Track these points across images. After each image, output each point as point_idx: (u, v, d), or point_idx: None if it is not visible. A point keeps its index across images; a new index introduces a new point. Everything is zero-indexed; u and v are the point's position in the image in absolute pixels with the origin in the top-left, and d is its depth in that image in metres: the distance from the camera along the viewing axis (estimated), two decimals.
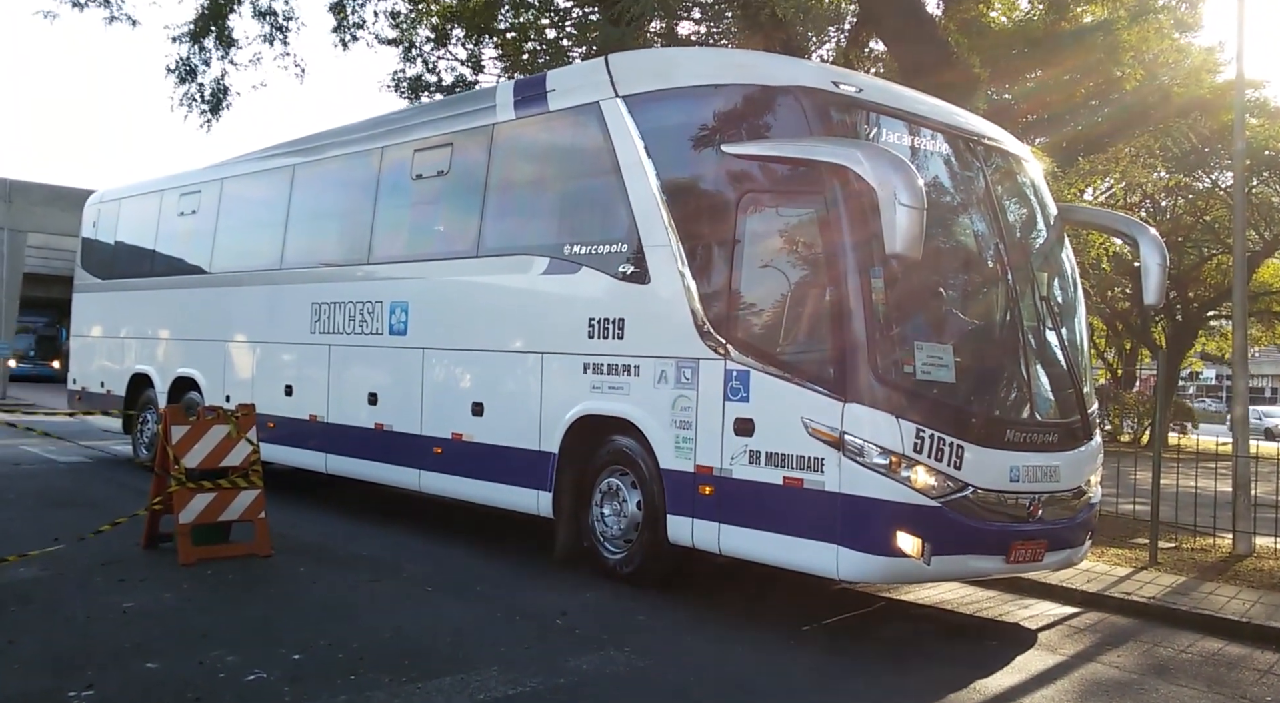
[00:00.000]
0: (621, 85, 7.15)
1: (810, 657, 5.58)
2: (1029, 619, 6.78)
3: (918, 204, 5.17)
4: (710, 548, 6.27)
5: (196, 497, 7.06)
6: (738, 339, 6.14)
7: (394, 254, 9.08)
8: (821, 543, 5.63)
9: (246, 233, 11.08)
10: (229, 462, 7.30)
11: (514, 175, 8.12)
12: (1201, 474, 10.36)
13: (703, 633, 5.90)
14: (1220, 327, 29.80)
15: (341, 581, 6.75)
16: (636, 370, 6.72)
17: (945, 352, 5.74)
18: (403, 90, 16.87)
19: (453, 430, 8.07)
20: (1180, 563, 8.44)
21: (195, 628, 5.41)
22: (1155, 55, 15.09)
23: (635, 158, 6.90)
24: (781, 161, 6.06)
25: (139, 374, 12.08)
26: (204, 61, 15.06)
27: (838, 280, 5.65)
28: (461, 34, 16.88)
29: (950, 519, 5.55)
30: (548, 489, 7.27)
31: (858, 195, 5.60)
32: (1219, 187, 22.38)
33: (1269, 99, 20.55)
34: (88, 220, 14.07)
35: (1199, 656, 6.10)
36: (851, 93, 6.09)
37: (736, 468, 6.08)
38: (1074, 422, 6.34)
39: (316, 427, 9.46)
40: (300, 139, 10.79)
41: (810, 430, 5.68)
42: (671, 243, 6.57)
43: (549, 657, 5.15)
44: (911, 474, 5.46)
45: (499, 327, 7.85)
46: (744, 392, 6.07)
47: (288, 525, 8.21)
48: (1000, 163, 6.70)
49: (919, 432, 5.47)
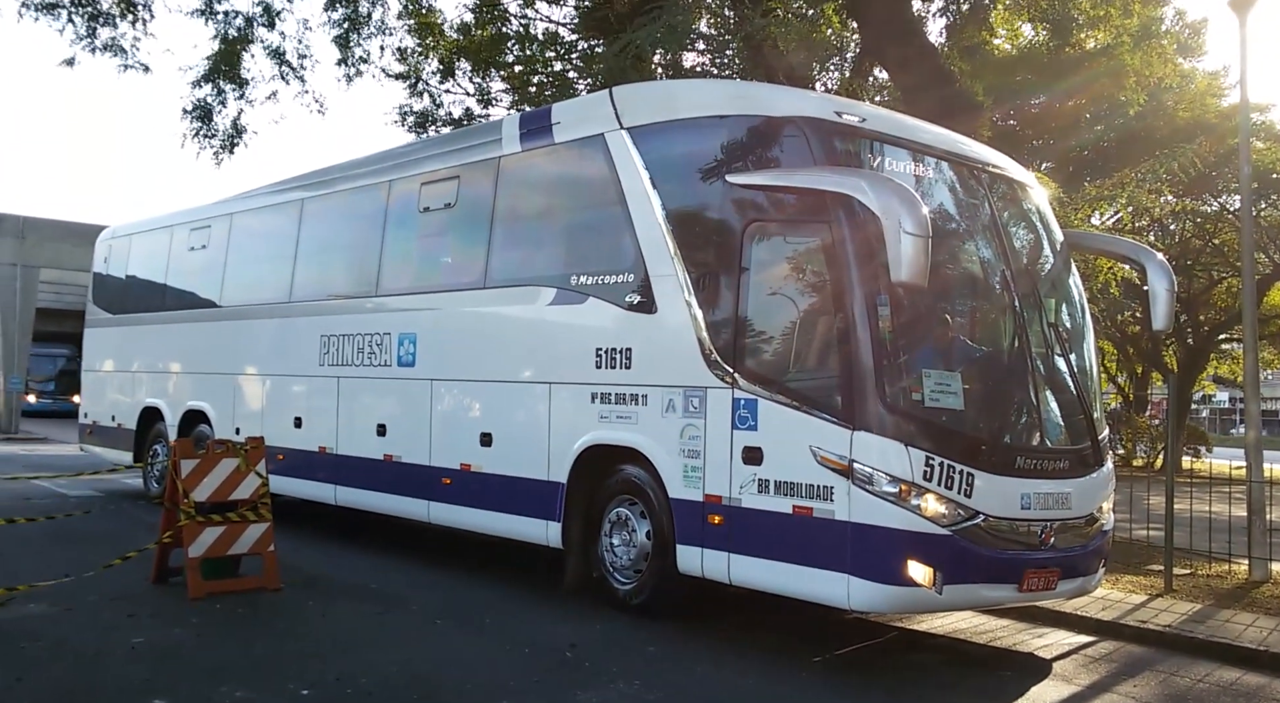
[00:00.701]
0: (626, 117, 7.20)
1: (822, 688, 5.54)
2: (1043, 649, 6.71)
3: (922, 232, 5.17)
4: (720, 578, 6.24)
5: (206, 530, 7.05)
6: (745, 368, 6.14)
7: (402, 286, 9.12)
8: (832, 573, 5.59)
9: (256, 266, 11.15)
10: (238, 495, 7.29)
11: (520, 207, 8.17)
12: (1216, 499, 10.22)
13: (713, 665, 5.87)
14: (1231, 350, 29.62)
15: (350, 614, 6.75)
16: (644, 400, 6.71)
17: (954, 379, 5.73)
18: (409, 124, 17.09)
19: (461, 461, 8.07)
20: (1196, 590, 8.34)
21: (204, 664, 5.40)
22: (1159, 80, 15.16)
23: (640, 188, 6.94)
24: (786, 191, 6.09)
25: (149, 408, 12.12)
26: (220, 102, 15.23)
27: (844, 309, 5.65)
28: (468, 68, 17.07)
29: (961, 548, 5.51)
30: (557, 520, 7.24)
31: (863, 224, 5.61)
32: (1227, 210, 22.37)
33: (1274, 122, 20.67)
34: (99, 256, 14.19)
35: (1216, 685, 6.03)
36: (855, 122, 6.12)
37: (745, 497, 6.05)
38: (1085, 448, 6.31)
39: (326, 458, 9.47)
40: (308, 173, 10.88)
41: (819, 459, 5.66)
42: (678, 272, 6.59)
43: (558, 690, 5.12)
44: (922, 503, 5.42)
45: (507, 357, 7.86)
46: (752, 420, 6.06)
47: (295, 556, 8.22)
48: (1005, 190, 6.72)
49: (928, 459, 5.45)
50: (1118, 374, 29.69)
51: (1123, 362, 29.43)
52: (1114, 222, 18.63)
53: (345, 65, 15.93)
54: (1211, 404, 60.41)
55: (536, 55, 16.67)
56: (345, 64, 15.91)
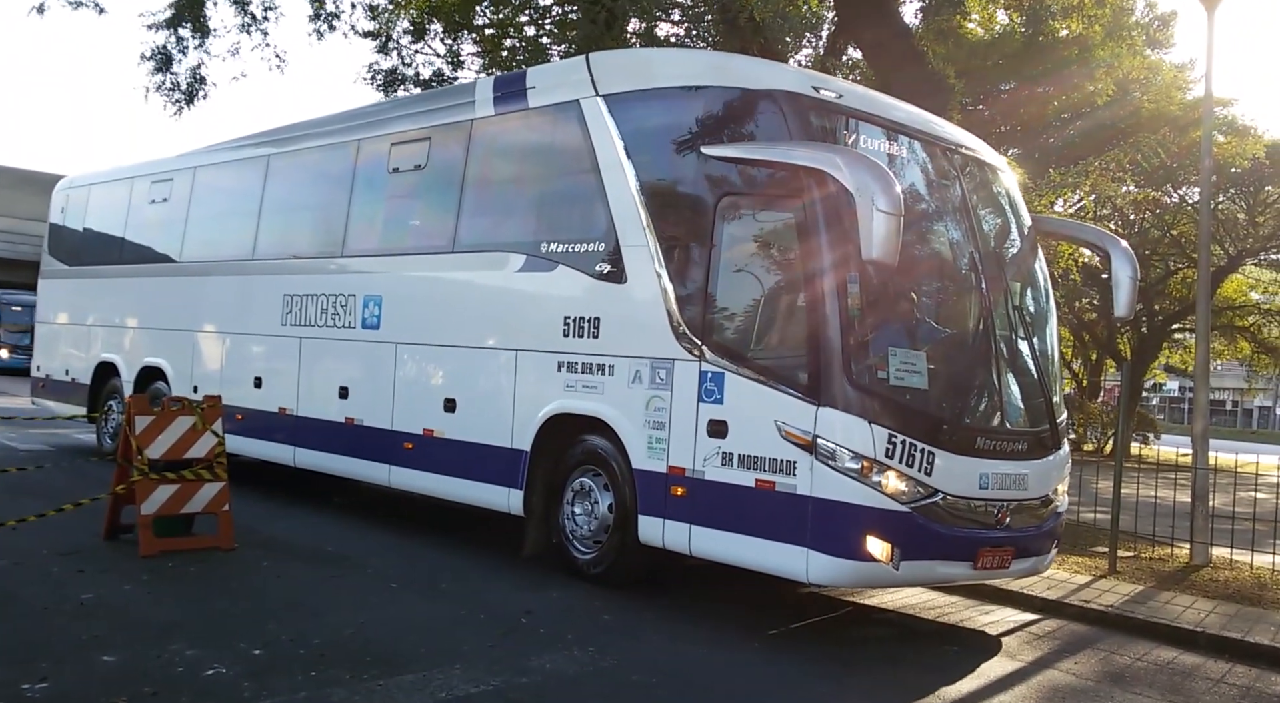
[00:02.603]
0: (602, 84, 7.15)
1: (775, 660, 5.61)
2: (990, 625, 6.85)
3: (895, 210, 5.21)
4: (681, 549, 6.29)
5: (159, 488, 6.97)
6: (713, 341, 6.16)
7: (368, 248, 9.02)
8: (791, 546, 5.66)
9: (218, 222, 10.96)
10: (193, 453, 7.22)
11: (492, 171, 8.10)
12: (1162, 485, 10.46)
13: (668, 634, 5.91)
14: (1184, 340, 30.25)
15: (305, 576, 6.70)
16: (611, 370, 6.72)
17: (919, 358, 5.79)
18: (378, 83, 16.84)
19: (424, 426, 8.03)
20: (1139, 572, 8.56)
21: (155, 621, 5.34)
22: (1128, 72, 15.37)
23: (614, 157, 6.91)
24: (760, 165, 6.09)
25: (105, 363, 11.91)
26: (181, 50, 14.99)
27: (813, 284, 5.68)
28: (440, 29, 16.84)
29: (919, 525, 5.60)
30: (519, 487, 7.25)
31: (835, 200, 5.64)
32: (1186, 202, 22.72)
33: (1236, 117, 20.97)
34: (56, 206, 13.86)
35: (1154, 664, 6.19)
36: (831, 98, 6.13)
37: (709, 469, 6.10)
38: (1043, 431, 6.42)
39: (286, 419, 9.38)
40: (275, 129, 10.70)
41: (783, 433, 5.71)
42: (649, 243, 6.58)
43: (512, 655, 5.14)
44: (883, 479, 5.50)
45: (473, 323, 7.82)
46: (718, 393, 6.09)
47: (253, 519, 8.15)
48: (977, 172, 6.77)
49: (891, 437, 5.52)
50: (1073, 360, 30.21)
51: (1078, 348, 29.95)
52: (1077, 209, 18.87)
53: (317, 20, 15.76)
54: (1162, 392, 61.71)
55: (509, 19, 16.50)
56: (317, 19, 15.74)
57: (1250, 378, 36.20)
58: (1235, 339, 28.98)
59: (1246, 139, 19.33)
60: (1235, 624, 6.89)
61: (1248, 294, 28.17)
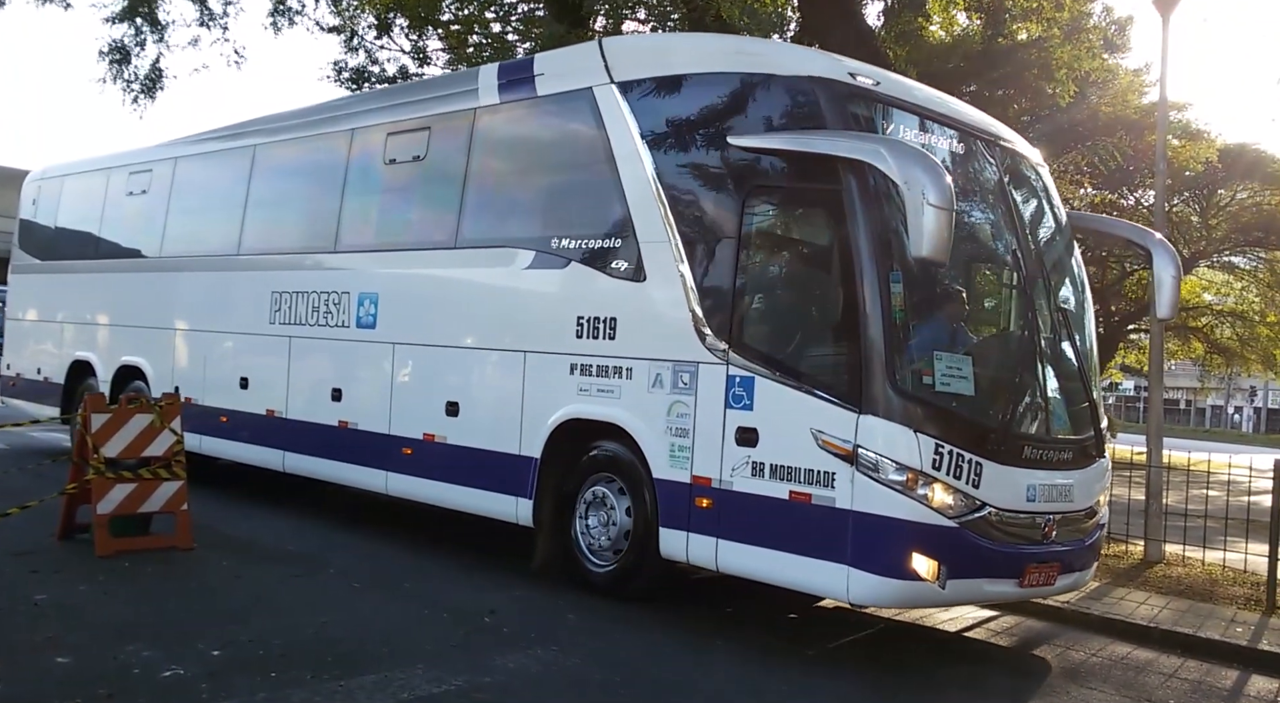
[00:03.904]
0: (617, 71, 6.76)
1: (739, 655, 5.52)
2: (948, 622, 6.78)
3: (946, 204, 4.86)
4: (706, 565, 5.91)
5: (116, 487, 6.82)
6: (741, 343, 5.79)
7: (363, 242, 8.58)
8: (830, 563, 5.29)
9: (201, 215, 10.44)
10: (151, 452, 7.07)
11: (497, 163, 7.68)
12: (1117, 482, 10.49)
13: (633, 633, 5.79)
14: (1139, 340, 30.39)
15: (266, 576, 6.57)
16: (629, 373, 6.33)
17: (965, 362, 5.45)
18: (344, 80, 16.73)
19: (424, 431, 7.61)
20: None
21: (111, 622, 5.25)
22: (1086, 74, 15.45)
23: (631, 148, 6.52)
24: (793, 155, 5.72)
25: (80, 362, 11.36)
26: (139, 44, 15.05)
27: (854, 283, 5.31)
28: (405, 24, 16.72)
29: (967, 541, 5.25)
30: (528, 497, 6.85)
31: (877, 193, 5.30)
32: (1142, 205, 22.77)
33: (1191, 121, 21.35)
34: (27, 198, 13.26)
35: (1109, 659, 6.18)
36: (868, 85, 5.77)
37: (738, 480, 5.73)
38: (1087, 438, 6.09)
39: (274, 423, 8.92)
40: (262, 118, 10.23)
41: (820, 443, 5.35)
42: (670, 239, 6.20)
43: (475, 655, 5.08)
44: (929, 492, 5.15)
45: (477, 322, 7.41)
46: (747, 399, 5.72)
47: (212, 518, 7.97)
48: (1016, 165, 6.42)
49: (938, 447, 5.16)
50: None
51: None
52: None
53: (277, 15, 15.76)
54: (1118, 392, 62.22)
55: (475, 15, 16.45)
56: (277, 14, 15.73)
57: (1203, 378, 36.66)
58: (1189, 340, 29.24)
59: (1200, 143, 19.66)
60: (1187, 620, 6.95)
61: (1201, 296, 28.37)
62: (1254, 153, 22.24)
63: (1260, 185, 22.96)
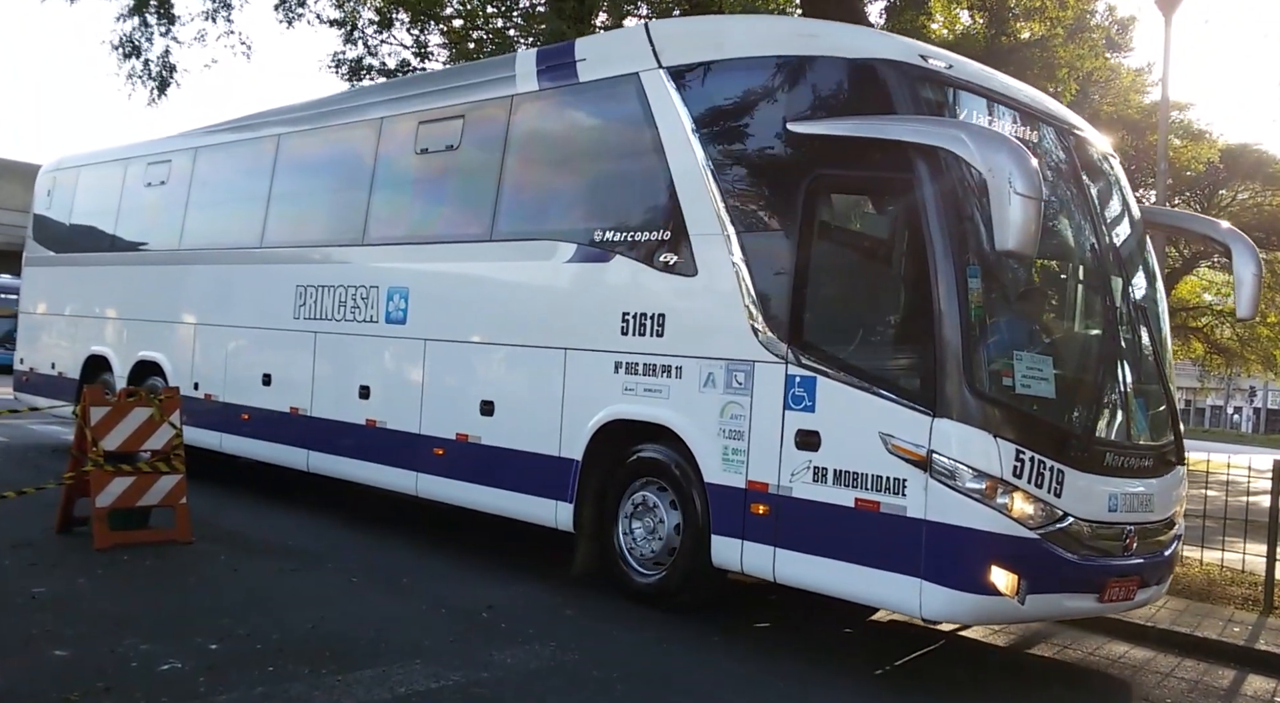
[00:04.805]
0: (665, 55, 6.45)
1: (740, 654, 5.46)
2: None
3: (1035, 193, 4.53)
4: (763, 575, 5.59)
5: (114, 480, 6.80)
6: (802, 341, 5.46)
7: (393, 235, 8.27)
8: (901, 576, 4.97)
9: (223, 207, 10.17)
10: (150, 445, 7.06)
11: (535, 152, 7.37)
12: None
13: (632, 629, 5.73)
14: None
15: (264, 570, 6.53)
16: (678, 372, 6.02)
17: (1045, 363, 5.11)
18: (343, 73, 16.69)
19: (457, 431, 7.30)
20: None
21: (109, 615, 5.23)
22: (1088, 73, 15.22)
23: (681, 136, 6.21)
24: (860, 142, 5.39)
25: (96, 357, 11.08)
26: (147, 38, 15.21)
27: (927, 278, 4.97)
28: (406, 19, 16.68)
29: (1048, 553, 4.92)
30: (568, 500, 6.54)
31: (953, 182, 5.00)
32: (1143, 204, 22.49)
33: (1192, 121, 21.19)
34: (42, 189, 12.99)
35: (1106, 658, 6.12)
36: (940, 68, 5.45)
37: (797, 486, 5.41)
38: (1166, 445, 5.76)
39: (298, 421, 8.62)
40: (286, 107, 9.93)
41: (890, 447, 5.02)
42: (723, 231, 5.88)
43: (473, 650, 5.05)
44: (1009, 501, 4.82)
45: (515, 318, 7.10)
46: (809, 400, 5.40)
47: (212, 512, 7.93)
48: (1089, 155, 6.07)
49: (1019, 453, 4.83)
50: None
51: None
52: None
53: (282, 9, 15.87)
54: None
55: (477, 10, 16.38)
56: (282, 8, 15.85)
57: (1203, 378, 36.44)
58: (1189, 340, 29.00)
59: (1202, 143, 19.64)
60: (1184, 619, 6.86)
61: (1201, 296, 28.25)
62: (1255, 153, 22.22)
63: (1262, 186, 22.98)
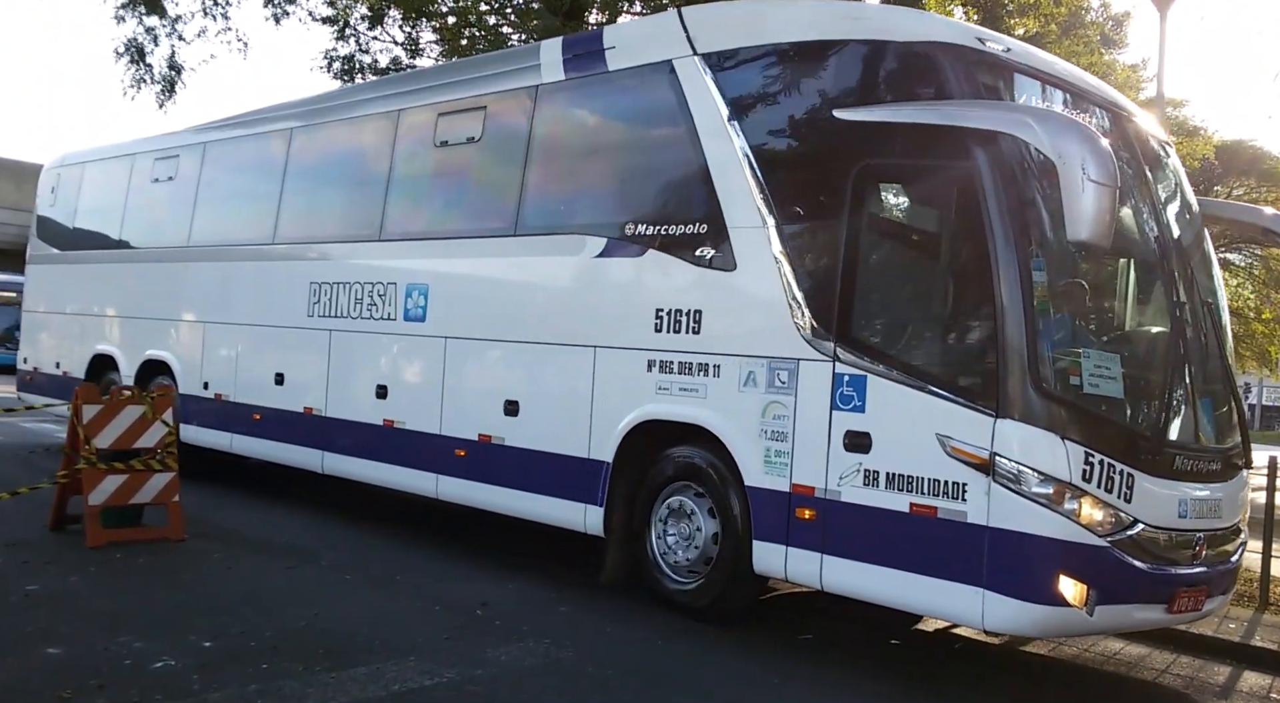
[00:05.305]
0: (700, 42, 6.19)
1: (735, 653, 5.36)
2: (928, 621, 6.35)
3: (1109, 181, 4.27)
4: (809, 582, 5.33)
5: (107, 478, 6.82)
6: (851, 338, 5.20)
7: (411, 230, 8.01)
8: (961, 585, 4.70)
9: (233, 203, 9.91)
10: (143, 443, 7.07)
11: (562, 144, 7.11)
12: None
13: (627, 627, 5.69)
14: None
15: (258, 567, 6.53)
16: (716, 371, 5.76)
17: (1113, 361, 4.85)
18: (335, 71, 16.58)
19: (480, 432, 7.04)
20: None
21: (102, 613, 5.22)
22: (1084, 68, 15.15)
23: (718, 126, 5.95)
24: (911, 129, 5.13)
25: (101, 355, 10.82)
26: (152, 40, 15.39)
27: (989, 271, 4.71)
28: (398, 16, 16.56)
29: (1117, 562, 4.65)
30: (598, 504, 6.28)
31: (1015, 169, 4.75)
32: None
33: (1188, 117, 21.09)
34: (45, 185, 12.72)
35: (1101, 655, 6.05)
36: (998, 52, 5.19)
37: (846, 489, 5.14)
38: (1234, 447, 5.48)
39: (312, 421, 8.35)
40: (298, 100, 9.68)
41: (949, 449, 4.76)
42: (764, 224, 5.62)
43: (467, 647, 5.03)
44: (1077, 507, 4.55)
45: (541, 315, 6.84)
46: (858, 400, 5.14)
47: (204, 510, 7.91)
48: (1149, 144, 5.81)
49: (1088, 456, 4.57)
50: None
51: None
52: None
53: (271, 5, 15.99)
54: None
55: (470, 7, 16.23)
56: (271, 4, 15.98)
57: None
58: None
59: (1197, 139, 19.37)
60: None
61: None
62: (1251, 149, 22.11)
63: (1257, 182, 22.89)
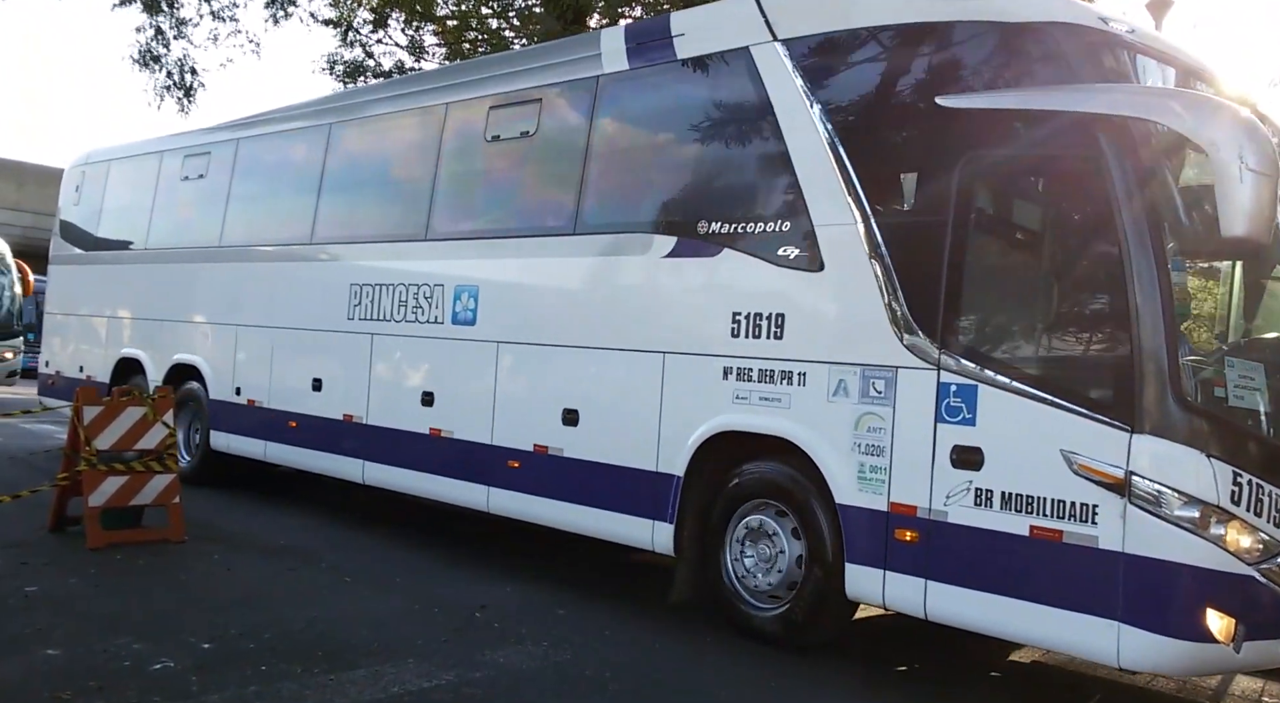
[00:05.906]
0: (780, 27, 5.79)
1: (728, 657, 5.28)
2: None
3: (1271, 170, 3.86)
4: (911, 610, 4.89)
5: (107, 479, 6.82)
6: (957, 344, 4.78)
7: (460, 229, 7.62)
8: (1092, 618, 4.27)
9: (268, 201, 9.56)
10: (143, 445, 7.05)
11: (626, 137, 6.73)
12: None
13: (626, 630, 5.65)
14: None
15: (257, 569, 6.53)
16: (801, 379, 5.34)
17: (1258, 371, 4.44)
18: (338, 73, 16.58)
19: (535, 442, 6.63)
20: None
21: (101, 615, 5.23)
22: None
23: (802, 116, 5.55)
24: (1023, 116, 4.72)
25: (127, 359, 10.46)
26: (164, 45, 15.76)
27: (1121, 272, 4.29)
28: (401, 19, 16.56)
29: (1267, 593, 4.22)
30: (667, 521, 5.86)
31: (1149, 159, 4.32)
32: None
33: None
34: (69, 184, 12.39)
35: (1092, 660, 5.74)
36: (1122, 33, 4.78)
37: (954, 510, 4.71)
38: None
39: (352, 429, 7.96)
40: (337, 94, 9.44)
41: (1075, 468, 4.33)
42: (855, 220, 5.21)
43: (466, 650, 5.01)
44: (1225, 532, 4.12)
45: (603, 319, 6.43)
46: (967, 412, 4.71)
47: (205, 512, 7.90)
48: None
49: (1236, 477, 4.14)
50: None
51: None
52: None
53: (273, 6, 16.12)
54: None
55: (472, 10, 16.19)
56: (273, 4, 16.10)
57: None
58: None
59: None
60: None
61: None
62: None
63: None
